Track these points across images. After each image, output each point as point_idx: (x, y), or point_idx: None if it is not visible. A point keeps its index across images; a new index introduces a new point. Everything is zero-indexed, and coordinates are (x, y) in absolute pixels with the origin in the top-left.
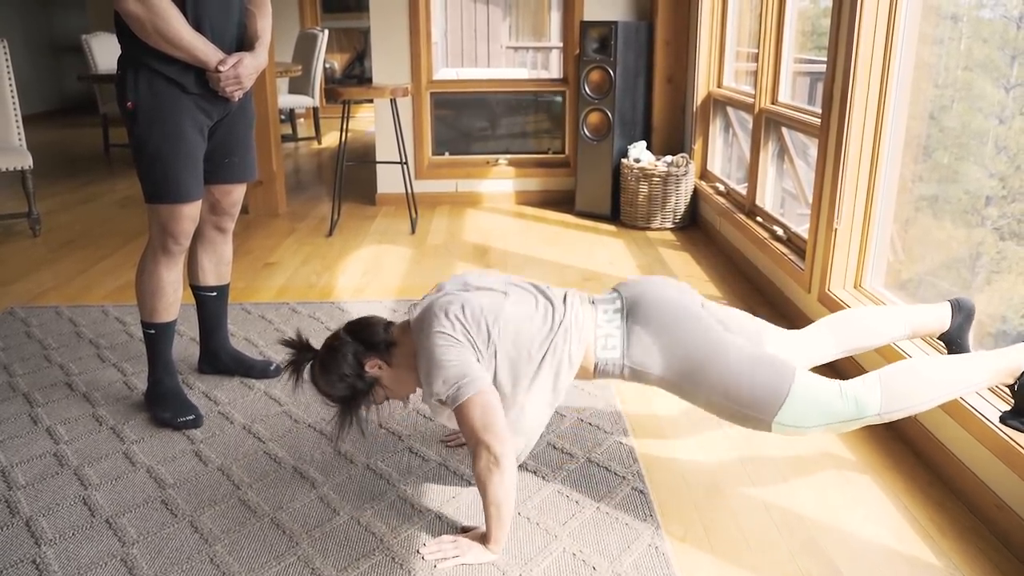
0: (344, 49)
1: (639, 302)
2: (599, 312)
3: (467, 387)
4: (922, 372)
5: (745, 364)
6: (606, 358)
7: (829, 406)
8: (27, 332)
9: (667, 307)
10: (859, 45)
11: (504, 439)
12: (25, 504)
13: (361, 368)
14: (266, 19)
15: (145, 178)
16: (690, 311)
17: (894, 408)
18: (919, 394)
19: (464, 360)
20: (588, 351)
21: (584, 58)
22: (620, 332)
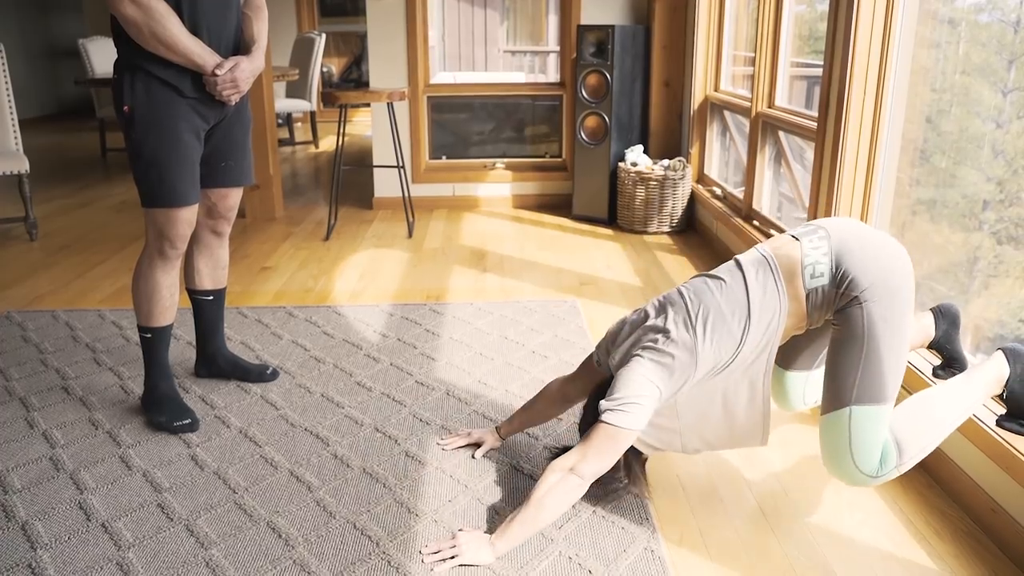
0: (341, 53)
1: (845, 227)
2: (804, 244)
3: (622, 419)
4: (927, 414)
5: (905, 344)
6: (815, 286)
7: (882, 444)
8: (23, 336)
9: (873, 233)
10: (856, 49)
11: (599, 469)
12: (21, 508)
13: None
14: (262, 23)
15: (142, 182)
16: (897, 247)
17: (906, 460)
18: (929, 437)
19: (645, 396)
20: (797, 288)
21: (581, 62)
22: (828, 258)
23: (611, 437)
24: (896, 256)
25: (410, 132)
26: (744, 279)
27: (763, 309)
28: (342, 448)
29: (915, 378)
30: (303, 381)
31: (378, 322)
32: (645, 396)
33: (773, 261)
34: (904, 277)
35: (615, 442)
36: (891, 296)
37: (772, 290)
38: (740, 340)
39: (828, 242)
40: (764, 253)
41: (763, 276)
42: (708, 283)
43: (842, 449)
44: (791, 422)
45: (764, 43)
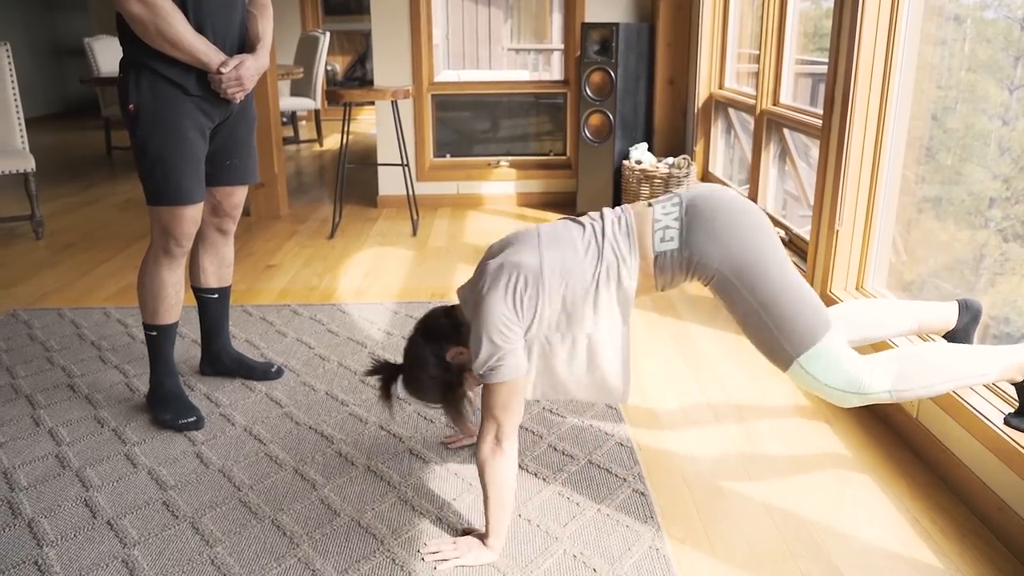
0: (346, 51)
1: (700, 199)
2: (656, 209)
3: (503, 370)
4: (934, 357)
5: (797, 288)
6: (664, 250)
7: (850, 371)
8: (29, 334)
9: (728, 203)
10: (861, 46)
11: (515, 426)
12: (27, 505)
13: (444, 360)
14: (267, 21)
15: (147, 180)
16: (755, 215)
17: (904, 387)
18: (930, 376)
19: (509, 343)
20: (646, 248)
21: (585, 60)
22: (678, 224)
23: (506, 390)
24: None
25: (414, 130)
26: (603, 226)
27: (614, 257)
28: (346, 446)
29: None
30: (308, 379)
31: (383, 320)
32: (509, 341)
33: (630, 216)
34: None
35: (512, 393)
36: (752, 260)
37: (624, 241)
38: (592, 281)
39: (680, 208)
40: (623, 209)
41: (618, 228)
42: (568, 225)
43: (820, 388)
44: (796, 417)
45: (769, 40)
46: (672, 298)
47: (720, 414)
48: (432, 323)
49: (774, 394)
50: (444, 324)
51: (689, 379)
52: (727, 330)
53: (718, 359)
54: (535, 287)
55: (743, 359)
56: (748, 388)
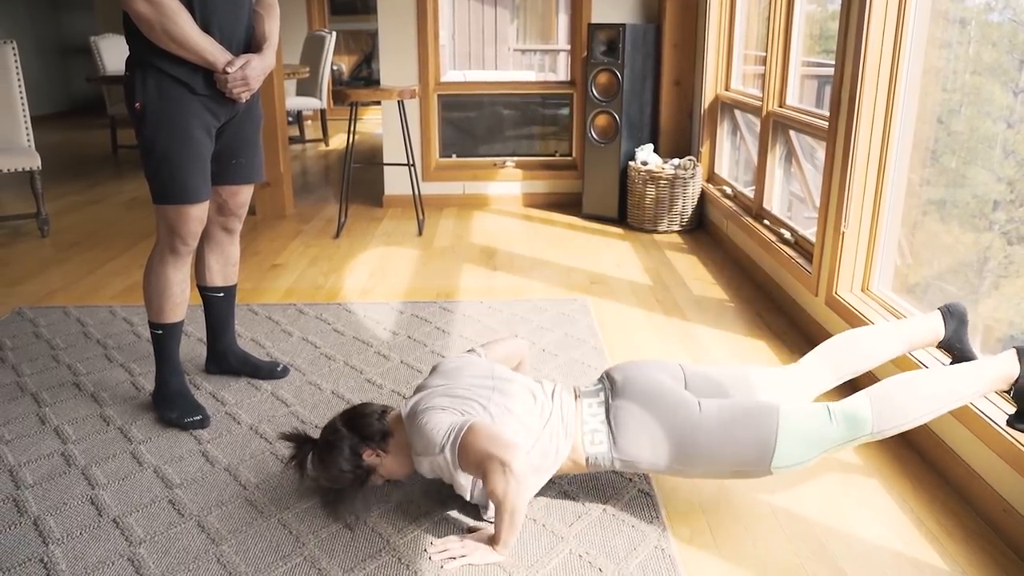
0: (352, 51)
1: (620, 393)
2: (583, 406)
3: (466, 422)
4: (912, 388)
5: (726, 431)
6: (595, 452)
7: (820, 435)
8: (35, 332)
9: (645, 396)
10: (867, 49)
11: (512, 446)
12: (33, 503)
13: (359, 459)
14: (274, 21)
15: (153, 179)
16: (665, 395)
17: (886, 426)
18: (910, 410)
19: (455, 413)
20: (576, 446)
21: (592, 60)
22: (605, 427)
23: (482, 430)
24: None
25: (420, 130)
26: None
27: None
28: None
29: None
30: (313, 378)
31: (388, 320)
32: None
33: (568, 411)
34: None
35: (488, 428)
36: (680, 451)
37: (560, 432)
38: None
39: (604, 409)
40: (560, 395)
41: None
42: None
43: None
44: None
45: (775, 42)
46: (678, 300)
47: None
48: (361, 420)
49: None
50: (374, 426)
51: None
52: (733, 332)
53: (724, 360)
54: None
55: (749, 361)
56: None
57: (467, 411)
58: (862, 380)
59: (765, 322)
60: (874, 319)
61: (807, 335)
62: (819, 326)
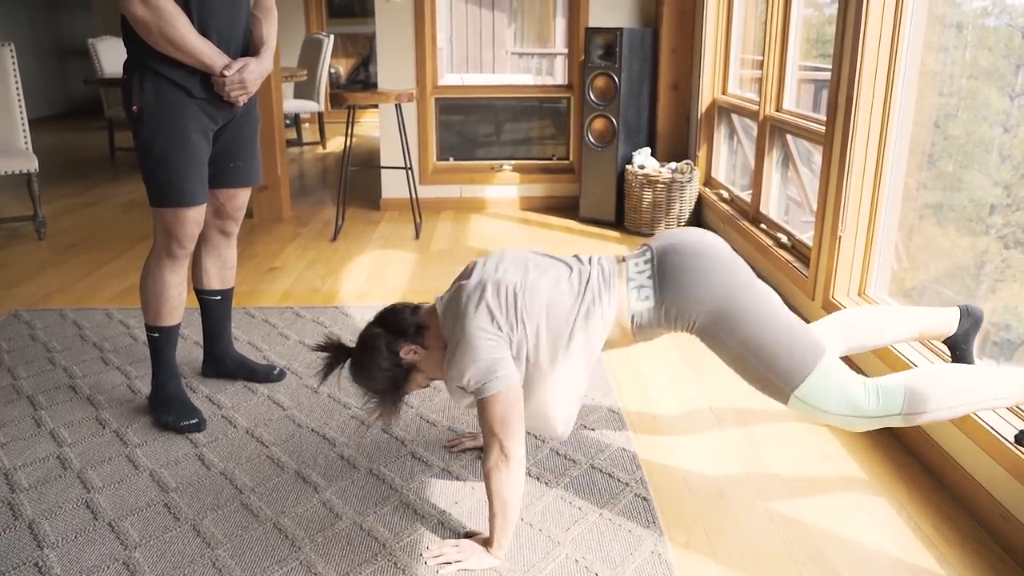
0: (349, 54)
1: (669, 250)
2: (629, 266)
3: (494, 383)
4: (949, 378)
5: (780, 322)
6: (640, 309)
7: (852, 395)
8: (31, 335)
9: (700, 248)
10: (864, 53)
11: (518, 438)
12: (28, 507)
13: (397, 356)
14: (272, 25)
15: (150, 182)
16: (725, 255)
17: (918, 410)
18: (945, 399)
19: (494, 355)
20: (622, 307)
21: (589, 64)
22: (652, 281)
23: (502, 403)
24: (721, 272)
25: (418, 133)
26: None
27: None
28: (349, 449)
29: None
30: (310, 382)
31: None
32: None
33: (611, 269)
34: (733, 284)
35: (506, 406)
36: (729, 306)
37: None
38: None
39: (651, 265)
40: (602, 261)
41: (603, 280)
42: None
43: (824, 415)
44: (798, 423)
45: (772, 46)
46: None
47: (723, 419)
48: (394, 317)
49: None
50: (407, 320)
51: (691, 384)
52: None
53: (720, 364)
54: (516, 304)
55: None
56: (751, 393)
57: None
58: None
59: None
60: None
61: None
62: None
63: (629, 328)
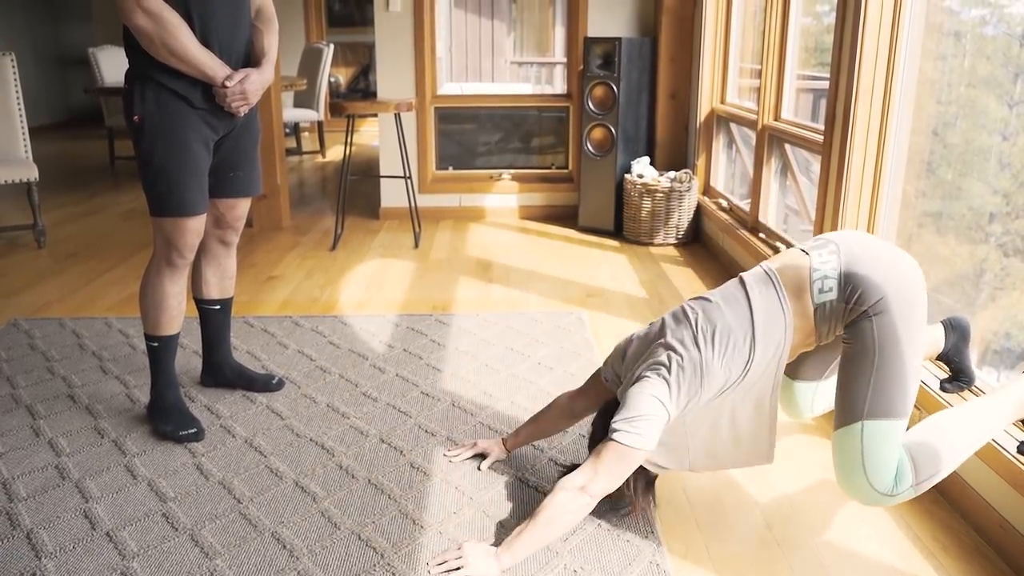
0: (349, 63)
1: (857, 242)
2: (813, 257)
3: (634, 438)
4: (946, 435)
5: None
6: (823, 301)
7: (897, 464)
8: (30, 344)
9: (889, 250)
10: (862, 62)
11: (604, 487)
12: (26, 516)
13: None
14: (273, 36)
15: (150, 191)
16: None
17: (926, 475)
18: (946, 457)
19: (652, 413)
20: (806, 304)
21: (588, 74)
22: (836, 272)
23: (621, 456)
24: (908, 270)
25: (417, 143)
26: (748, 296)
27: (769, 326)
28: (347, 459)
29: (924, 394)
30: (309, 391)
31: (384, 332)
32: (654, 415)
33: (777, 278)
34: (916, 291)
35: (625, 461)
36: (903, 309)
37: (776, 307)
38: (748, 357)
39: (837, 257)
40: (768, 270)
41: (767, 293)
42: (714, 300)
43: (855, 465)
44: (799, 434)
45: (770, 55)
46: None
47: None
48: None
49: None
50: None
51: None
52: None
53: None
54: (696, 377)
55: None
56: None
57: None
58: None
59: None
60: None
61: None
62: None
63: (812, 326)
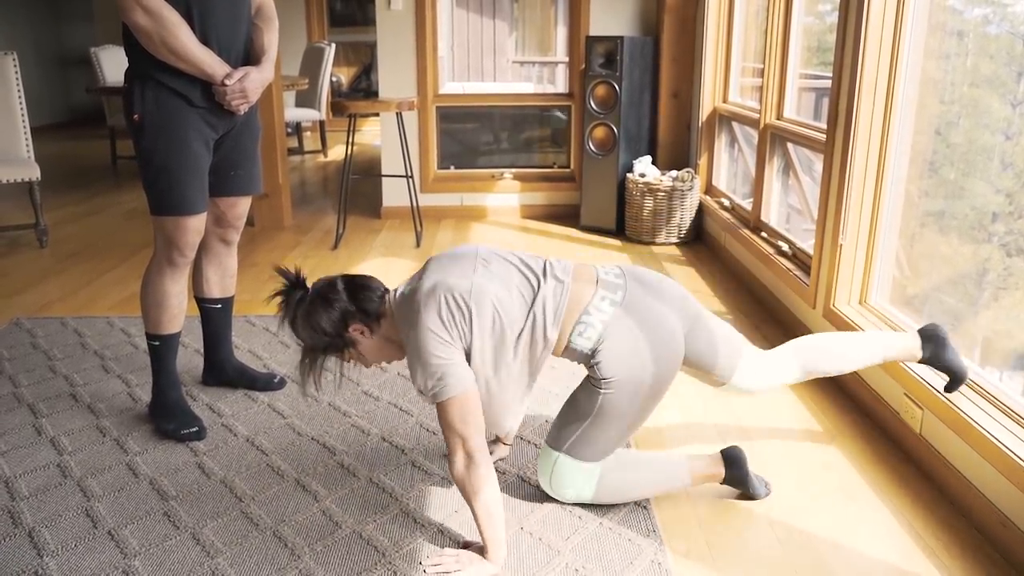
0: (351, 63)
1: (638, 305)
2: (597, 298)
3: (448, 388)
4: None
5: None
6: (576, 346)
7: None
8: (33, 343)
9: (658, 328)
10: (864, 61)
11: (479, 435)
12: (28, 515)
13: (344, 327)
14: (273, 34)
15: (151, 190)
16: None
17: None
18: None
19: (448, 359)
20: (565, 332)
21: (590, 73)
22: (602, 327)
23: (456, 408)
24: (665, 357)
25: (419, 142)
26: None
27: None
28: (349, 457)
29: (926, 393)
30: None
31: None
32: (448, 362)
33: (566, 289)
34: (654, 383)
35: (463, 409)
36: (630, 396)
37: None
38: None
39: (613, 309)
40: (566, 277)
41: (551, 301)
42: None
43: (544, 477)
44: (800, 433)
45: (773, 55)
46: None
47: (723, 430)
48: (364, 292)
49: (778, 409)
50: (373, 303)
51: (694, 397)
52: None
53: None
54: (467, 314)
55: None
56: (752, 405)
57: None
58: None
59: (763, 335)
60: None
61: None
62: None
63: (561, 350)
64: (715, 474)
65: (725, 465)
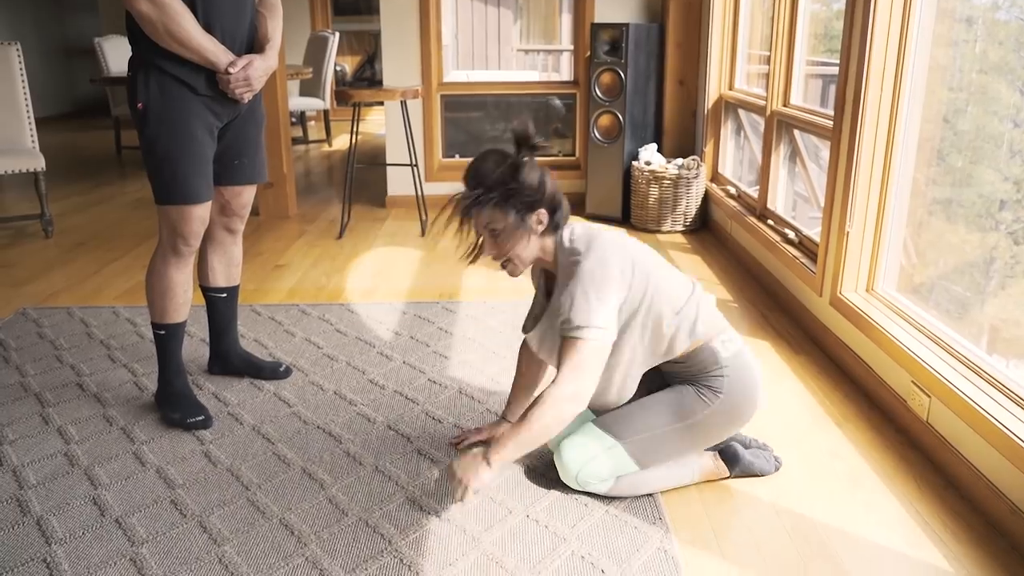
0: (355, 51)
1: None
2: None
3: (590, 332)
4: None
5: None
6: (718, 349)
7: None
8: (39, 333)
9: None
10: (872, 47)
11: (589, 390)
12: (36, 503)
13: (528, 209)
14: (277, 22)
15: (155, 179)
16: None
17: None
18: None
19: (609, 301)
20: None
21: (595, 60)
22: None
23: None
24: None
25: (423, 130)
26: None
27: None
28: (355, 446)
29: (935, 381)
30: (316, 379)
31: (391, 320)
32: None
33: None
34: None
35: (590, 359)
36: (727, 419)
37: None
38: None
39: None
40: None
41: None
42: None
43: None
44: (804, 420)
45: (779, 41)
46: None
47: None
48: (556, 195)
49: (785, 397)
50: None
51: None
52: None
53: None
54: (642, 276)
55: None
56: None
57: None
58: None
59: (769, 322)
60: (878, 319)
61: (811, 335)
62: (823, 327)
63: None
64: (721, 473)
65: (727, 465)
